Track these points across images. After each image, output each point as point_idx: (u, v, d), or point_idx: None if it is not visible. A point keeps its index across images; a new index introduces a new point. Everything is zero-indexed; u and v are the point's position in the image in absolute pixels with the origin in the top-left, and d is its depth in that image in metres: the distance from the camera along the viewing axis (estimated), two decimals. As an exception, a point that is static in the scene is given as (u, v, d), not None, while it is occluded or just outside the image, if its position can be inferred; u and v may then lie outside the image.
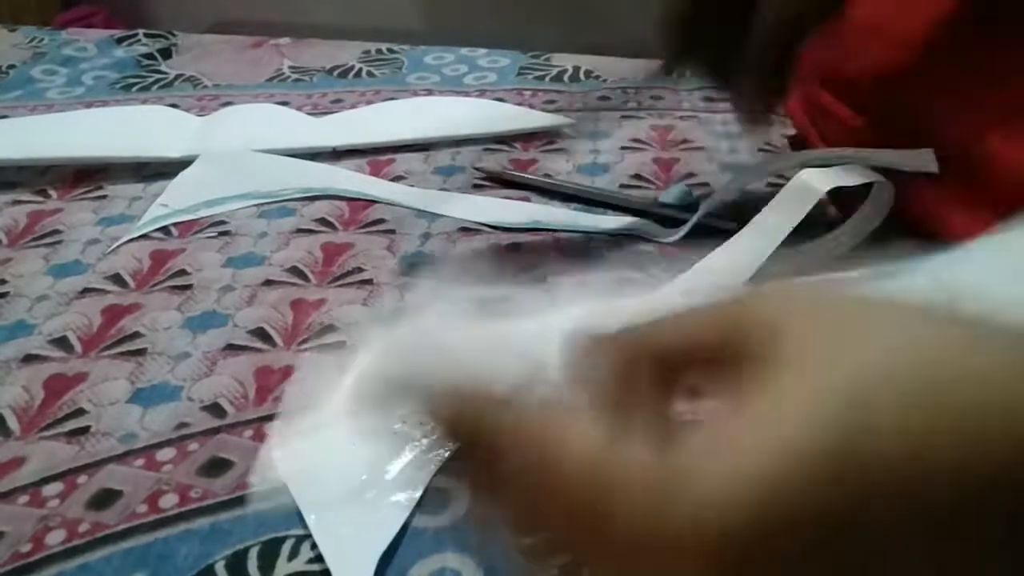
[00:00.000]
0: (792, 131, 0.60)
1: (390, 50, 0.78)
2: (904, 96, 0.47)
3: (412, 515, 0.32)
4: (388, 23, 1.85)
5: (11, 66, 0.77)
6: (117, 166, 0.58)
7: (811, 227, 0.43)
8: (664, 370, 0.19)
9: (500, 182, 0.55)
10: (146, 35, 0.83)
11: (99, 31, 0.88)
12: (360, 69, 0.75)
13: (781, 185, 0.44)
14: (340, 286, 0.46)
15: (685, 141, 0.60)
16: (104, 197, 0.56)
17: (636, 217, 0.51)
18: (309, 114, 0.65)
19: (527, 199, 0.54)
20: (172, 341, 0.43)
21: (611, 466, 0.17)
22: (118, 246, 0.50)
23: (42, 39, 0.83)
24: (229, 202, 0.54)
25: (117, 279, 0.48)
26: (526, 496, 0.19)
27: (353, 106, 0.67)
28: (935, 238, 0.37)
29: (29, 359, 0.42)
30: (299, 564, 0.31)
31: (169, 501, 0.34)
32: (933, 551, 0.16)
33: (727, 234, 0.42)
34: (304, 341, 0.42)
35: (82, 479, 0.35)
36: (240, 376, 0.40)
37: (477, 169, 0.56)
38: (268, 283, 0.47)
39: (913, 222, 0.45)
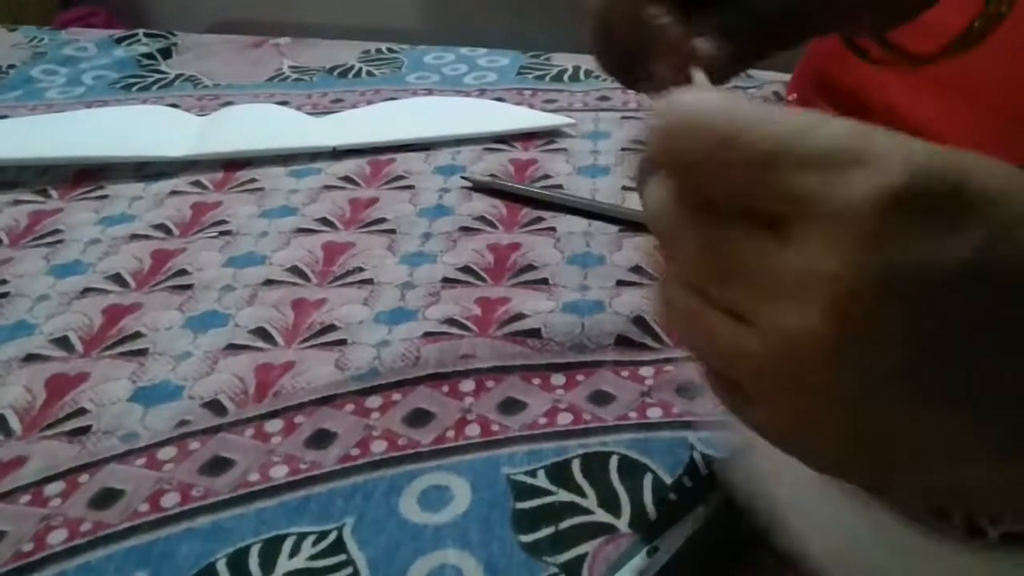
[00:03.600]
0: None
1: (390, 50, 0.78)
2: (894, 106, 0.47)
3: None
4: (388, 23, 1.85)
5: (11, 66, 0.77)
6: (117, 166, 0.59)
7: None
8: None
9: (490, 192, 0.55)
10: (146, 35, 0.84)
11: (99, 31, 0.88)
12: (360, 69, 0.75)
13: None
14: (341, 286, 0.46)
15: (685, 141, 0.60)
16: (105, 197, 0.56)
17: (633, 228, 0.51)
18: (309, 114, 0.65)
19: (519, 209, 0.54)
20: (173, 341, 0.43)
21: (798, 124, 0.18)
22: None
23: (42, 39, 0.83)
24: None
25: (118, 279, 0.48)
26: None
27: (353, 106, 0.67)
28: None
29: (30, 359, 0.42)
30: (300, 561, 0.32)
31: (171, 500, 0.34)
32: None
33: None
34: (305, 340, 0.42)
35: (83, 478, 0.35)
36: (240, 373, 0.40)
37: (465, 179, 0.56)
38: (269, 283, 0.47)
39: None
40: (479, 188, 0.55)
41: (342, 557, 0.32)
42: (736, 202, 0.19)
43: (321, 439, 0.37)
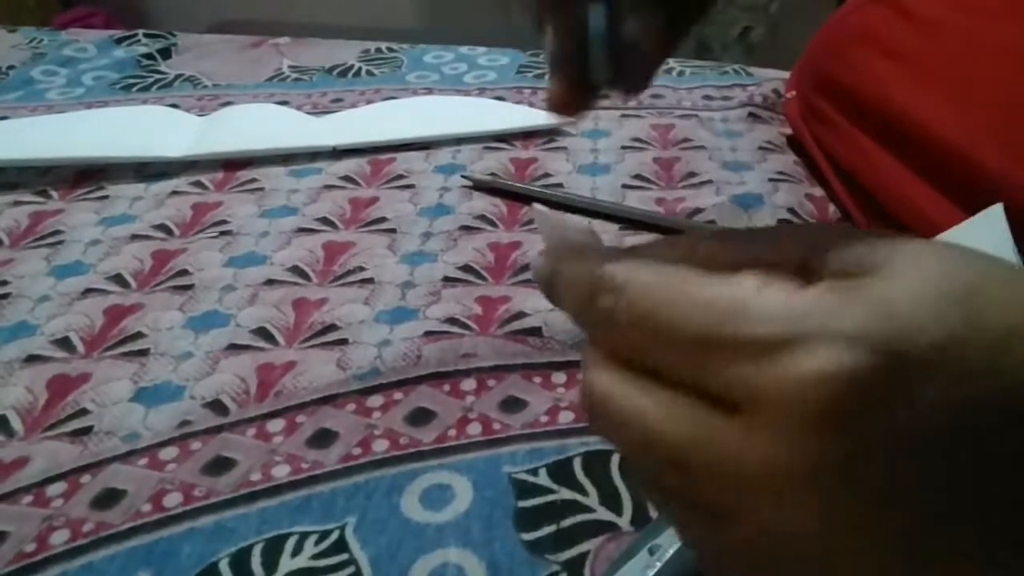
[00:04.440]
0: (789, 131, 0.61)
1: (390, 49, 0.78)
2: (891, 103, 0.47)
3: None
4: (388, 22, 1.85)
5: (11, 67, 0.77)
6: (118, 166, 0.59)
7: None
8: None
9: (490, 191, 0.55)
10: (146, 35, 0.84)
11: (99, 31, 0.88)
12: (360, 68, 0.75)
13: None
14: (342, 285, 0.47)
15: (686, 140, 0.60)
16: (106, 197, 0.56)
17: (624, 226, 0.51)
18: (309, 113, 0.65)
19: (519, 208, 0.54)
20: (174, 341, 0.43)
21: (737, 296, 0.17)
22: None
23: (41, 40, 0.83)
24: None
25: (119, 279, 0.48)
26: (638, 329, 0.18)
27: (353, 105, 0.67)
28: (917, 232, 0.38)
29: (32, 359, 0.42)
30: (302, 560, 0.32)
31: (173, 500, 0.34)
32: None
33: None
34: (306, 340, 0.42)
35: (85, 479, 0.35)
36: (242, 373, 0.40)
37: (465, 178, 0.56)
38: (270, 282, 0.47)
39: (896, 218, 0.46)
40: (479, 187, 0.55)
41: (344, 556, 0.32)
42: (681, 381, 0.18)
43: (323, 438, 0.37)
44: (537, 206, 0.25)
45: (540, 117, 0.63)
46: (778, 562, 0.17)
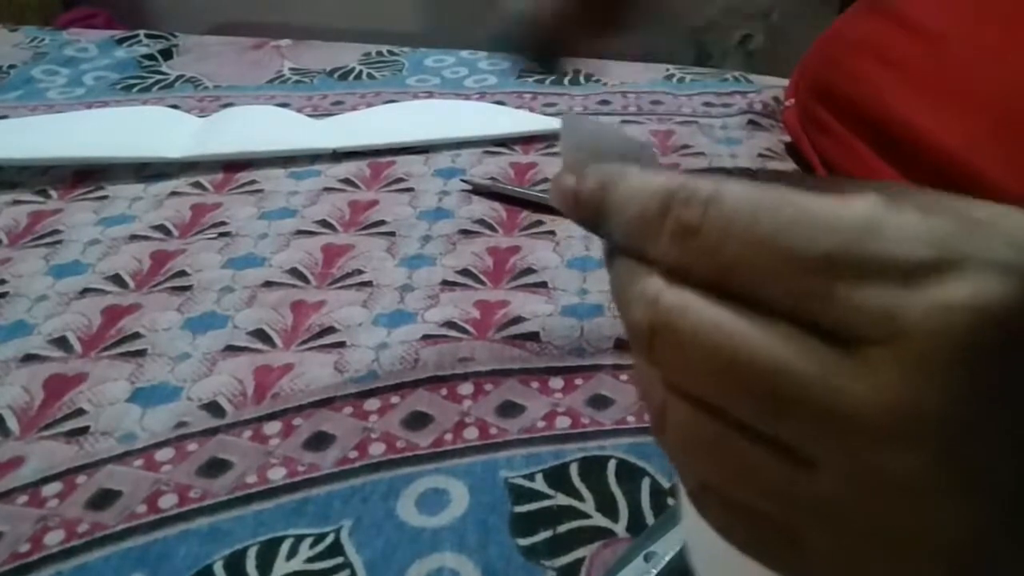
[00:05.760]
0: (788, 138, 0.61)
1: (390, 52, 0.78)
2: (890, 111, 0.47)
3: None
4: (389, 25, 1.85)
5: (12, 66, 0.77)
6: (118, 166, 0.59)
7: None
8: None
9: (489, 195, 0.55)
10: (147, 36, 0.84)
11: (100, 32, 0.88)
12: (360, 71, 0.75)
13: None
14: (340, 288, 0.47)
15: (685, 146, 0.60)
16: (105, 197, 0.56)
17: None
18: (309, 116, 0.65)
19: (519, 212, 0.54)
20: (172, 342, 0.43)
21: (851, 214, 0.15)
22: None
23: (43, 39, 0.83)
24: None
25: (117, 279, 0.48)
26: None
27: (353, 108, 0.67)
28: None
29: (29, 359, 0.42)
30: (297, 563, 0.32)
31: (168, 501, 0.34)
32: None
33: None
34: (304, 342, 0.42)
35: (81, 479, 0.35)
36: (239, 374, 0.40)
37: (465, 181, 0.56)
38: (268, 284, 0.47)
39: None
40: (479, 191, 0.55)
41: (339, 559, 0.32)
42: (782, 307, 0.15)
43: (319, 441, 0.37)
44: (567, 116, 0.23)
45: (540, 122, 0.63)
46: (859, 509, 0.15)
